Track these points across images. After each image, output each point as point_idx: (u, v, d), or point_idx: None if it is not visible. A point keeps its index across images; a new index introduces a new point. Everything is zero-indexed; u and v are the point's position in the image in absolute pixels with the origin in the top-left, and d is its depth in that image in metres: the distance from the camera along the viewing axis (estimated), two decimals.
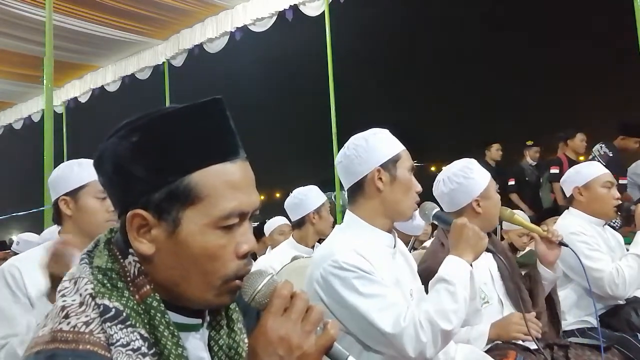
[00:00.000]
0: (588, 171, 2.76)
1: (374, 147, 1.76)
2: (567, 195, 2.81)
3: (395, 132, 1.83)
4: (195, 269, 0.85)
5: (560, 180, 2.92)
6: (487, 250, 1.86)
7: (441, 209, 1.98)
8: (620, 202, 2.71)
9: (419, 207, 1.84)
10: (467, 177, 2.23)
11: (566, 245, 2.18)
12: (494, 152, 6.68)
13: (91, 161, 2.18)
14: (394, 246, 1.78)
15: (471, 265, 1.67)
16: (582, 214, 2.71)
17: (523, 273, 2.31)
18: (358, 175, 1.77)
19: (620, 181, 5.30)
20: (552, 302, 2.33)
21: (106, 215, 2.00)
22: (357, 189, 1.78)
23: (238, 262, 0.87)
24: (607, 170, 2.78)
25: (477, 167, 2.28)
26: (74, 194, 2.02)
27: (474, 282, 1.63)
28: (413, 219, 1.85)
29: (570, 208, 2.79)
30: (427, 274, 1.82)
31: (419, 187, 1.76)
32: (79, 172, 2.04)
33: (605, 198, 2.68)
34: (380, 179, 1.73)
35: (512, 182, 6.58)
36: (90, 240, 2.06)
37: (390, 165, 1.74)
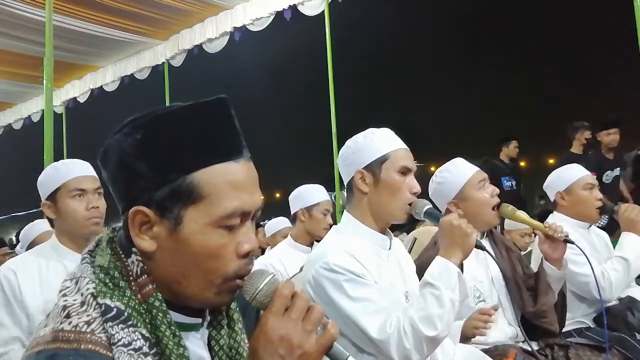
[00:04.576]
0: (568, 175, 2.75)
1: (361, 148, 1.76)
2: (552, 201, 2.81)
3: (395, 132, 1.83)
4: (196, 267, 0.85)
5: (544, 186, 2.89)
6: (486, 250, 1.85)
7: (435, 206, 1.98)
8: (602, 203, 2.70)
9: None
10: (439, 182, 2.27)
11: (572, 242, 2.15)
12: (512, 149, 6.50)
13: (65, 162, 2.19)
14: (389, 247, 1.77)
15: (462, 265, 1.64)
16: (566, 217, 2.69)
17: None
18: (347, 176, 1.79)
19: None
20: (562, 299, 2.30)
21: (85, 213, 2.00)
22: (349, 190, 1.80)
23: (239, 262, 0.87)
24: (587, 172, 2.77)
25: (451, 169, 2.27)
26: (52, 198, 2.03)
27: (463, 282, 1.61)
28: None
29: (554, 212, 2.78)
30: (418, 271, 1.84)
31: (415, 188, 1.73)
32: (53, 175, 2.05)
33: (588, 200, 2.67)
34: (364, 181, 1.73)
35: None
36: (81, 240, 2.07)
37: (374, 166, 1.72)
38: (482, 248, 1.78)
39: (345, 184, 1.82)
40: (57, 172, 2.05)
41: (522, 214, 2.25)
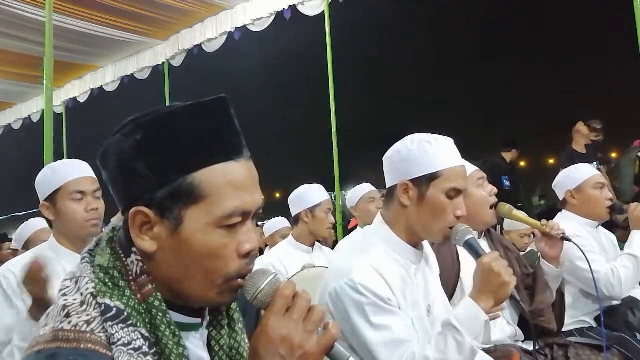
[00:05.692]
0: (579, 174, 2.76)
1: (412, 158, 1.62)
2: (561, 199, 2.81)
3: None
4: (197, 267, 0.85)
5: (553, 185, 2.89)
6: (517, 299, 1.75)
7: None
8: (612, 202, 2.71)
9: None
10: None
11: (569, 240, 2.16)
12: (515, 153, 6.67)
13: (63, 162, 2.19)
14: (420, 261, 1.69)
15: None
16: (576, 216, 2.70)
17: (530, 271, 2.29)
18: (390, 181, 1.69)
19: None
20: (560, 297, 2.29)
21: (85, 215, 1.99)
22: (389, 194, 1.70)
23: (240, 261, 0.87)
24: (597, 172, 2.78)
25: None
26: (51, 199, 2.02)
27: (488, 329, 1.55)
28: None
29: (563, 211, 2.79)
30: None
31: (459, 212, 1.60)
32: (52, 176, 2.03)
33: (598, 199, 2.69)
34: (407, 193, 1.62)
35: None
36: (80, 241, 2.07)
37: (422, 182, 1.60)
38: (516, 299, 1.70)
39: (387, 186, 1.71)
40: (56, 173, 2.04)
41: (519, 213, 2.25)
